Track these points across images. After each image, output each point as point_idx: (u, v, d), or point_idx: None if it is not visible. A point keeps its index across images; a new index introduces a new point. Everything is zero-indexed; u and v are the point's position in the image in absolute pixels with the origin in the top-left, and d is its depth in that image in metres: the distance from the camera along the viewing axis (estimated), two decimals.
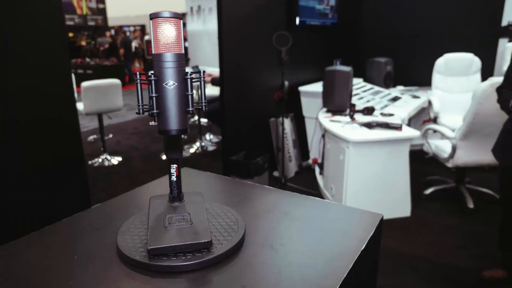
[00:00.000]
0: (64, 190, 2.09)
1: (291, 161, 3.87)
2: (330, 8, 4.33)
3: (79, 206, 2.16)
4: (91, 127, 6.20)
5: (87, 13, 15.54)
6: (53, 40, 1.93)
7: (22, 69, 1.82)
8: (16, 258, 0.69)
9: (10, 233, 1.85)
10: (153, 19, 0.60)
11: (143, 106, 0.61)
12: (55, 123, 2.00)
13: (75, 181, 2.15)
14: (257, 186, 1.01)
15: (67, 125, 2.06)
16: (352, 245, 0.72)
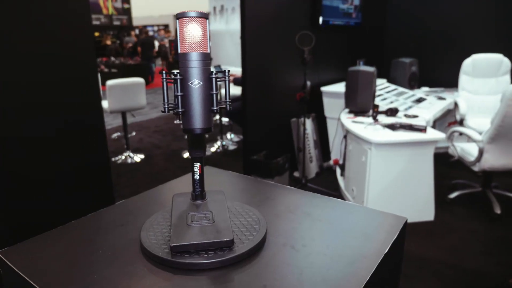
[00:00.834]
0: (90, 185, 2.15)
1: (312, 161, 3.84)
2: (354, 7, 4.27)
3: (103, 202, 2.21)
4: (115, 125, 6.33)
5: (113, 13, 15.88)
6: (81, 39, 1.98)
7: (51, 67, 1.88)
8: (43, 251, 0.72)
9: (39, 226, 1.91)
10: (179, 19, 0.60)
11: (168, 104, 0.62)
12: (82, 121, 2.05)
13: (100, 177, 2.20)
14: (278, 186, 1.01)
15: (93, 123, 2.11)
16: (375, 248, 0.71)
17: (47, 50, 1.84)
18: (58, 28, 1.87)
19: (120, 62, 11.06)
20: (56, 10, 1.84)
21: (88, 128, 2.09)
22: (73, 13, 1.92)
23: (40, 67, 1.83)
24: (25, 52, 1.76)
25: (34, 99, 1.83)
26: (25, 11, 1.73)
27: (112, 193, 2.29)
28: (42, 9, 1.79)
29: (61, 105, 1.94)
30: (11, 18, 1.68)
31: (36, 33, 1.79)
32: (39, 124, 1.86)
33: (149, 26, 18.99)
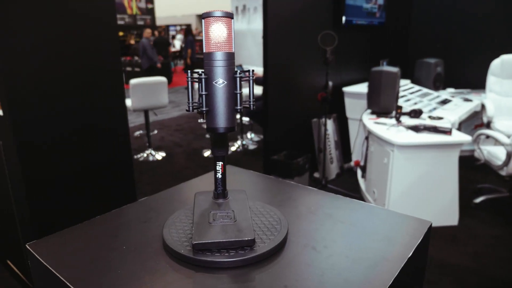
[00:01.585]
0: (113, 182, 2.19)
1: (333, 162, 3.81)
2: (378, 7, 4.21)
3: (126, 198, 2.25)
4: (137, 123, 6.44)
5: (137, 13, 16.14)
6: (106, 39, 2.03)
7: (77, 66, 1.93)
8: (69, 245, 0.73)
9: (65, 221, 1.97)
10: (205, 19, 0.61)
11: (193, 103, 0.63)
12: (106, 119, 2.10)
13: (123, 174, 2.24)
14: (299, 187, 1.00)
15: (117, 121, 2.15)
16: (398, 251, 0.70)
17: (74, 49, 1.89)
18: (85, 28, 1.91)
19: None
20: (83, 10, 1.89)
21: (113, 126, 2.14)
22: (100, 13, 1.96)
23: (67, 66, 1.88)
24: (53, 52, 1.81)
25: (60, 97, 1.88)
26: (53, 13, 1.78)
27: (134, 190, 2.33)
28: (69, 9, 1.84)
29: (86, 103, 1.99)
30: (39, 19, 1.74)
31: (63, 32, 1.84)
32: (65, 122, 1.92)
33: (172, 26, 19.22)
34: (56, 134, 1.88)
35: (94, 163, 2.07)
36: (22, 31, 1.68)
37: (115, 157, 2.17)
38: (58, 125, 1.89)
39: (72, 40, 1.87)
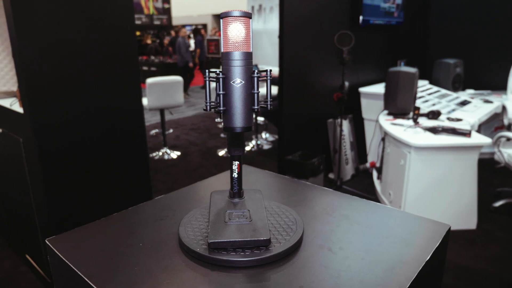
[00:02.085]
0: (129, 180, 2.22)
1: (348, 163, 3.78)
2: (396, 6, 4.16)
3: (141, 196, 2.28)
4: (153, 122, 6.51)
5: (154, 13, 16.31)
6: (124, 39, 2.05)
7: (96, 66, 1.96)
8: (87, 241, 0.75)
9: (82, 218, 2.01)
10: (223, 18, 0.61)
11: (210, 103, 0.63)
12: (124, 118, 2.13)
13: (139, 172, 2.27)
14: (315, 187, 1.00)
15: (134, 120, 2.18)
16: (415, 254, 0.69)
17: (92, 49, 1.92)
18: (103, 28, 1.94)
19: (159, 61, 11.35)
20: (102, 11, 1.92)
21: (130, 125, 2.16)
22: (118, 14, 1.99)
23: (85, 65, 1.91)
24: (72, 52, 1.85)
25: (79, 96, 1.92)
26: (73, 14, 1.81)
27: (150, 188, 2.36)
28: (89, 10, 1.87)
29: (104, 102, 2.02)
30: (59, 20, 1.77)
31: (82, 33, 1.87)
32: (83, 120, 1.95)
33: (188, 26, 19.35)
34: (74, 132, 1.92)
35: (111, 161, 2.10)
36: (43, 32, 1.72)
37: (132, 156, 2.20)
38: (76, 124, 1.92)
39: (90, 40, 1.90)
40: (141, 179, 2.29)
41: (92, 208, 2.05)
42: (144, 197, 2.29)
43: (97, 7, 1.89)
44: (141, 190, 2.30)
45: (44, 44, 1.73)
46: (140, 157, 2.25)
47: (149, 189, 2.35)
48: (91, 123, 1.97)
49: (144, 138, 2.26)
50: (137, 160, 2.24)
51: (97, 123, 2.00)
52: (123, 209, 0.88)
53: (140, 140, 2.23)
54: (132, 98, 2.14)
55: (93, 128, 1.99)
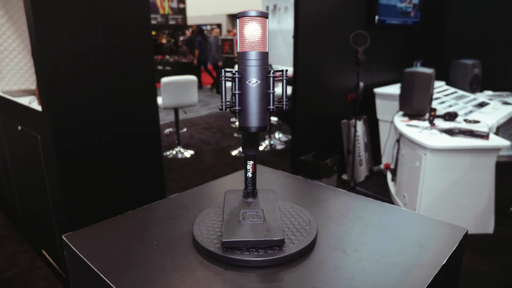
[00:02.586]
0: (144, 178, 2.24)
1: (362, 164, 3.74)
2: (413, 6, 4.10)
3: (155, 194, 2.30)
4: (167, 121, 6.56)
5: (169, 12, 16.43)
6: (140, 39, 2.07)
7: (112, 65, 1.98)
8: (102, 237, 0.76)
9: (97, 214, 2.03)
10: (239, 18, 0.61)
11: (226, 102, 0.63)
12: (139, 117, 2.15)
13: (153, 171, 2.29)
14: (329, 188, 0.99)
15: (149, 119, 2.20)
16: (431, 258, 0.68)
17: (109, 48, 1.95)
18: (120, 29, 1.97)
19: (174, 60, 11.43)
20: (119, 12, 1.94)
21: (145, 124, 2.19)
22: (135, 14, 2.01)
23: (102, 65, 1.94)
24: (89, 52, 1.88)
25: (95, 96, 1.95)
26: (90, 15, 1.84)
27: (164, 187, 2.38)
28: (106, 11, 1.90)
29: (120, 101, 2.04)
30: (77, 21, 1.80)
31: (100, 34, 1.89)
32: (99, 119, 1.98)
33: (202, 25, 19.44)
34: (91, 130, 1.95)
35: (126, 159, 2.13)
36: (61, 32, 1.75)
37: (146, 154, 2.22)
38: (93, 122, 1.95)
39: (107, 40, 1.93)
40: (155, 178, 2.31)
41: (106, 205, 2.08)
42: (158, 196, 2.31)
43: (114, 7, 1.92)
44: (155, 189, 2.32)
45: (62, 43, 1.76)
46: (155, 156, 2.27)
47: (163, 187, 2.37)
48: (107, 121, 2.00)
49: (159, 137, 2.28)
50: (152, 158, 2.26)
51: (113, 122, 2.03)
52: (137, 207, 0.89)
53: (155, 139, 2.25)
54: (148, 97, 2.17)
55: (109, 127, 2.02)
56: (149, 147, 2.23)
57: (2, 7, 2.32)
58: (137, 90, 2.11)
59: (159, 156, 2.31)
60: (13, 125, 2.27)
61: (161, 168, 2.34)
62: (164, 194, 2.39)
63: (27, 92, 2.40)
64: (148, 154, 2.23)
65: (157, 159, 2.29)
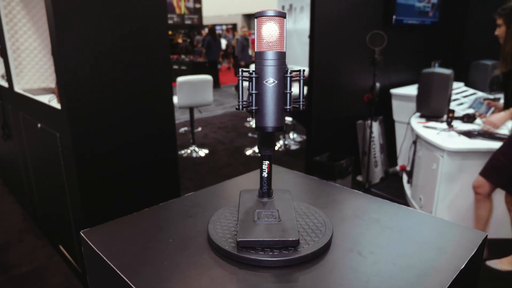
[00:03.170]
0: (159, 177, 2.26)
1: (377, 166, 3.70)
2: (432, 6, 4.04)
3: (170, 192, 2.32)
4: (182, 120, 6.62)
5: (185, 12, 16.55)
6: (157, 39, 2.09)
7: (129, 65, 2.01)
8: (119, 234, 0.77)
9: (113, 211, 2.06)
10: (257, 18, 0.61)
11: (243, 102, 0.63)
12: (155, 116, 2.17)
13: (168, 169, 2.31)
14: (345, 189, 0.98)
15: (165, 118, 2.22)
16: (449, 262, 0.67)
17: (126, 48, 1.97)
18: (137, 29, 1.99)
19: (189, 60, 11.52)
20: (136, 12, 1.97)
21: (161, 123, 2.21)
22: (152, 14, 2.03)
23: (119, 65, 1.96)
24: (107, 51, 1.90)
25: (112, 95, 1.97)
26: (109, 16, 1.87)
27: (178, 185, 2.40)
28: (124, 12, 1.92)
29: (137, 101, 2.07)
30: (95, 22, 1.83)
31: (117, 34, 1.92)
32: (116, 118, 2.00)
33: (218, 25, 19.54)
34: (108, 128, 1.98)
35: (142, 157, 2.15)
36: (80, 32, 1.78)
37: (162, 153, 2.24)
38: (110, 121, 1.98)
39: (125, 39, 1.95)
40: (170, 176, 2.33)
41: (122, 202, 2.11)
42: (172, 194, 2.33)
43: (132, 8, 1.94)
44: (170, 187, 2.34)
45: (81, 43, 1.79)
46: (170, 154, 2.29)
47: (178, 186, 2.39)
48: (124, 120, 2.03)
49: (174, 136, 2.30)
50: (167, 157, 2.28)
51: (129, 121, 2.05)
52: (152, 204, 0.90)
53: (171, 138, 2.27)
54: (164, 97, 2.19)
55: (126, 125, 2.04)
56: (164, 146, 2.25)
57: (24, 7, 2.38)
58: (153, 90, 2.13)
59: (175, 155, 2.33)
60: (33, 122, 2.33)
61: (176, 166, 2.36)
62: (179, 192, 2.41)
63: (46, 90, 2.45)
64: (164, 153, 2.25)
65: (172, 158, 2.31)
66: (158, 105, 2.17)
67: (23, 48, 2.46)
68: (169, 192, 2.33)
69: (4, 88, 2.75)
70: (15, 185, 3.36)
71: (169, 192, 2.33)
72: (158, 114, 2.18)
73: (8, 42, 2.37)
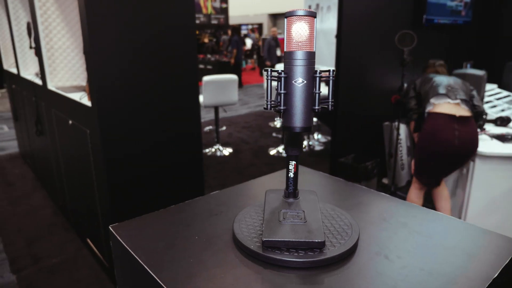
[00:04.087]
0: (184, 174, 2.29)
1: (404, 169, 3.62)
2: (464, 4, 3.91)
3: (194, 190, 2.34)
4: (207, 119, 6.68)
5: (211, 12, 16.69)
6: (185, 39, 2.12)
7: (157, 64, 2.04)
8: (147, 230, 0.78)
9: (140, 207, 2.11)
10: (287, 17, 0.61)
11: (271, 102, 0.63)
12: (182, 115, 2.20)
13: (193, 168, 2.33)
14: (371, 192, 0.97)
15: (192, 117, 2.25)
16: (481, 270, 0.64)
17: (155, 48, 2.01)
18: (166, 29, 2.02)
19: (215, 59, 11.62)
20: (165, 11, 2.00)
21: (187, 122, 2.24)
22: (180, 13, 2.06)
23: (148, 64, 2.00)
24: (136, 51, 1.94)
25: (141, 93, 2.01)
26: (138, 17, 1.91)
27: (203, 183, 2.42)
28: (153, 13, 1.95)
29: (164, 99, 2.10)
30: (125, 22, 1.87)
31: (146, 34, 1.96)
32: (144, 116, 2.04)
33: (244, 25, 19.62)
34: (136, 126, 2.02)
35: (169, 155, 2.18)
36: (112, 32, 1.82)
37: (188, 151, 2.27)
38: (138, 119, 2.02)
39: (154, 39, 1.99)
40: (195, 174, 2.36)
41: (147, 198, 2.15)
42: (197, 192, 2.36)
43: (161, 8, 1.97)
44: (194, 185, 2.37)
45: (113, 42, 1.84)
46: (195, 153, 2.32)
47: (202, 184, 2.42)
48: (152, 118, 2.07)
49: (200, 135, 2.32)
50: (193, 155, 2.31)
51: (157, 119, 2.09)
52: (177, 201, 0.91)
53: (196, 136, 2.30)
54: (191, 96, 2.21)
55: (153, 123, 2.08)
56: (190, 144, 2.28)
57: (58, 7, 2.46)
58: (181, 89, 2.16)
59: (200, 154, 2.35)
60: (64, 119, 2.40)
61: (201, 165, 2.38)
62: (203, 190, 2.43)
63: (78, 88, 2.52)
64: (189, 151, 2.28)
65: (197, 156, 2.34)
66: (185, 104, 2.20)
67: (56, 47, 2.54)
68: (194, 190, 2.36)
69: (38, 86, 2.85)
70: (47, 180, 3.49)
71: (193, 190, 2.36)
72: (185, 113, 2.21)
73: (42, 42, 2.46)
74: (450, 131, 2.29)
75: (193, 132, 2.28)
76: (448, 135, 2.30)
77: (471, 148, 2.32)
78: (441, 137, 2.32)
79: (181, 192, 2.29)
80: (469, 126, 2.33)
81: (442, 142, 2.32)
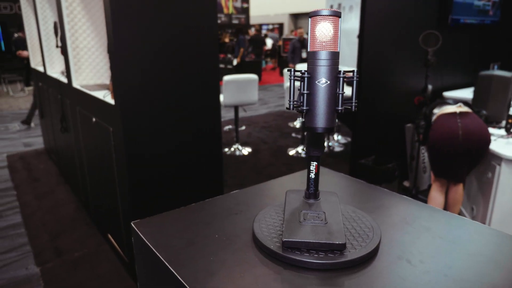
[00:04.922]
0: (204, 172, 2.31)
1: (425, 172, 3.55)
2: (492, 4, 3.80)
3: (213, 189, 2.36)
4: (227, 118, 6.71)
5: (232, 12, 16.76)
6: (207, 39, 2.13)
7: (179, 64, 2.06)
8: (168, 227, 0.79)
9: (161, 204, 2.14)
10: (312, 17, 0.60)
11: (294, 102, 0.63)
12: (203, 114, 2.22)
13: (213, 166, 2.35)
14: (393, 194, 0.95)
15: (212, 116, 2.26)
16: (508, 279, 0.62)
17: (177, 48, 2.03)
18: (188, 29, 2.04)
19: None
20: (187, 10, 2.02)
21: (207, 121, 2.25)
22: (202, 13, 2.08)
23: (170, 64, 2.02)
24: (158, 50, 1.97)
25: (163, 92, 2.04)
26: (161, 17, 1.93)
27: (222, 182, 2.43)
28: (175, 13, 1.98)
29: (186, 98, 2.12)
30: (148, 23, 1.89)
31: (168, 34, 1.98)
32: (166, 115, 2.07)
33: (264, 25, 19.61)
34: (158, 124, 2.05)
35: (189, 154, 2.21)
36: (136, 31, 1.85)
37: (208, 150, 2.29)
38: (160, 118, 2.05)
39: (176, 39, 2.01)
40: (214, 173, 2.37)
41: (167, 196, 2.18)
42: (216, 191, 2.37)
43: (184, 7, 1.99)
44: (214, 184, 2.38)
45: (136, 42, 1.87)
46: (215, 152, 2.33)
47: (221, 183, 2.43)
48: (173, 117, 2.09)
49: (220, 134, 2.34)
50: (212, 154, 2.32)
51: (178, 118, 2.11)
52: (196, 200, 0.92)
53: (216, 136, 2.31)
54: (211, 95, 2.23)
55: (174, 122, 2.10)
56: (210, 143, 2.29)
57: (84, 7, 2.52)
58: (202, 88, 2.17)
59: (219, 153, 2.36)
60: (88, 117, 2.46)
61: (221, 164, 2.40)
62: (222, 189, 2.44)
63: (102, 86, 2.58)
64: (209, 150, 2.30)
65: (217, 156, 2.35)
66: (206, 104, 2.21)
67: (81, 46, 2.61)
68: (213, 189, 2.37)
69: (64, 84, 2.93)
70: (70, 175, 3.58)
71: (212, 188, 2.37)
72: (206, 112, 2.23)
73: (68, 41, 2.52)
74: (453, 124, 2.41)
75: (214, 132, 2.30)
76: (451, 127, 2.42)
77: (478, 139, 2.38)
78: (444, 129, 2.44)
79: (201, 190, 2.31)
80: (471, 118, 2.43)
81: (446, 134, 2.43)
